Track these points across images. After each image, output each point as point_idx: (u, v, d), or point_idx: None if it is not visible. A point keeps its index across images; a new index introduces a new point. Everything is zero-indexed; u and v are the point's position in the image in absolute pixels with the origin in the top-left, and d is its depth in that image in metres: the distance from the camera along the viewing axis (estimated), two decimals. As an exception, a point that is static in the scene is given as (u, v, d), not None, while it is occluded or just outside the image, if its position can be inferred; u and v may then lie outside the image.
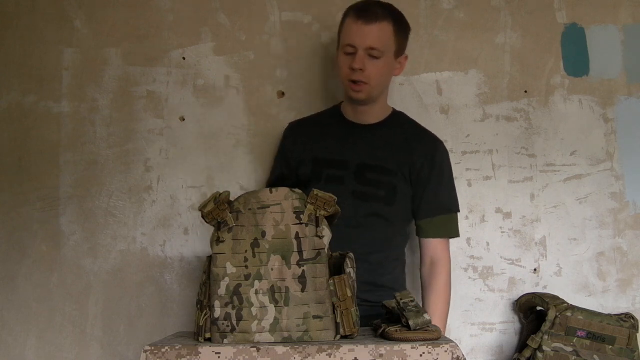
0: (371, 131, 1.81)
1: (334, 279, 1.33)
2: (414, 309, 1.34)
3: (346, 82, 1.71)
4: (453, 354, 1.23)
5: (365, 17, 1.66)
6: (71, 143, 2.04)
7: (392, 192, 1.76)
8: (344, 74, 1.71)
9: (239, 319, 1.31)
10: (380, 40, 1.67)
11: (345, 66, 1.70)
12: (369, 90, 1.71)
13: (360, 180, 1.76)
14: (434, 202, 1.79)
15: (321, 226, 1.35)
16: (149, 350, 1.27)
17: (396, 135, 1.81)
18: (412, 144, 1.80)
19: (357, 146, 1.79)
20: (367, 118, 1.81)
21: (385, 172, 1.77)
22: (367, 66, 1.67)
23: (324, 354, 1.24)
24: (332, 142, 1.81)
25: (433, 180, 1.78)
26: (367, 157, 1.78)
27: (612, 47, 2.09)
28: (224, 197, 1.36)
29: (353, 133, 1.81)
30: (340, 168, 1.77)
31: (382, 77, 1.73)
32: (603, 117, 2.06)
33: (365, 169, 1.77)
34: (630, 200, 2.03)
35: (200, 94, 2.07)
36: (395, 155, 1.78)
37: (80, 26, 2.09)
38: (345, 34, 1.69)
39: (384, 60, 1.70)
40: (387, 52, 1.70)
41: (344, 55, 1.70)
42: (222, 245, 1.34)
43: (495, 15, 2.10)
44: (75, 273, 2.00)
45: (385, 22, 1.68)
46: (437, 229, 1.80)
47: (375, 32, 1.66)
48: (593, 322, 1.76)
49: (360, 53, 1.67)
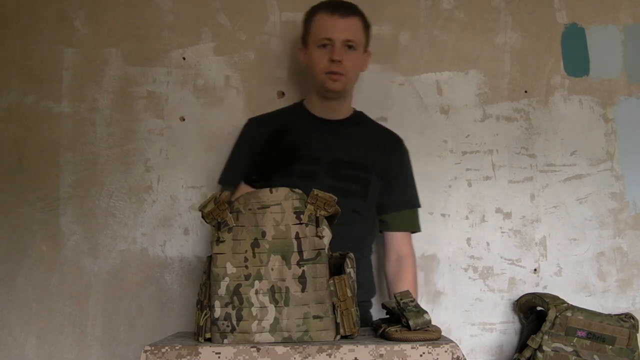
0: (339, 127, 1.83)
1: (334, 279, 1.33)
2: (414, 309, 1.34)
3: (322, 75, 1.74)
4: (453, 354, 1.23)
5: (340, 12, 1.73)
6: (71, 143, 2.04)
7: (366, 186, 1.79)
8: (320, 67, 1.74)
9: (239, 319, 1.31)
10: (355, 33, 1.74)
11: (322, 59, 1.73)
12: (345, 82, 1.75)
13: (336, 175, 1.77)
14: (401, 197, 1.85)
15: (321, 226, 1.35)
16: (149, 350, 1.27)
17: (363, 132, 1.86)
18: (380, 142, 1.86)
19: (327, 142, 1.80)
20: (334, 114, 1.84)
21: (359, 167, 1.79)
22: (345, 57, 1.72)
23: (324, 354, 1.24)
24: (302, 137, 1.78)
25: (400, 177, 1.85)
26: (338, 152, 1.79)
27: (612, 47, 2.09)
28: (224, 197, 1.36)
29: (321, 128, 1.82)
30: (312, 163, 1.77)
31: (356, 70, 1.79)
32: (603, 117, 2.06)
33: (340, 165, 1.78)
34: (630, 200, 2.03)
35: (200, 94, 2.07)
36: (366, 152, 1.81)
37: (80, 26, 2.09)
38: (319, 28, 1.74)
39: (358, 53, 1.76)
40: (360, 45, 1.77)
41: (317, 49, 1.74)
42: (222, 245, 1.34)
43: (495, 15, 2.10)
44: (75, 273, 2.00)
45: (356, 17, 1.76)
46: (402, 222, 1.85)
47: (351, 25, 1.73)
48: (593, 322, 1.76)
49: (338, 45, 1.71)
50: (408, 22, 2.10)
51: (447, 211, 2.03)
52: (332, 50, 1.71)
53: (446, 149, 2.05)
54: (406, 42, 2.09)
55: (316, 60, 1.75)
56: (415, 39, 2.10)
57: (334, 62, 1.71)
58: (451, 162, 2.05)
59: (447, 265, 2.01)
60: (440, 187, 2.04)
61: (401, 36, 2.09)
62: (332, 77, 1.73)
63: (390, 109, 2.06)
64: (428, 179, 2.03)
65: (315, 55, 1.75)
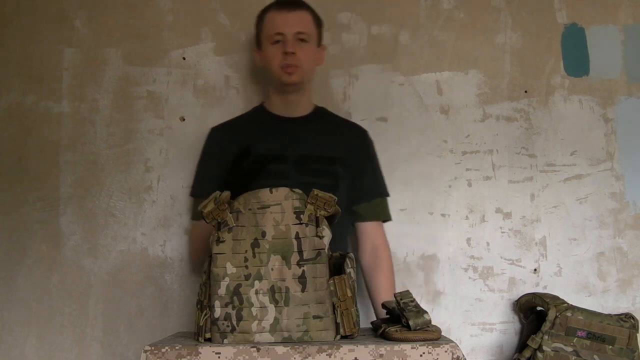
0: (302, 123, 1.84)
1: (334, 279, 1.33)
2: (414, 309, 1.34)
3: (278, 70, 1.76)
4: (453, 354, 1.23)
5: (288, 7, 1.77)
6: (71, 143, 2.04)
7: (334, 179, 1.79)
8: (276, 62, 1.76)
9: (239, 319, 1.31)
10: (306, 25, 1.78)
11: (276, 54, 1.76)
12: (301, 73, 1.77)
13: (303, 171, 1.77)
14: (371, 187, 1.86)
15: (321, 226, 1.35)
16: (149, 350, 1.27)
17: (326, 126, 1.87)
18: (344, 135, 1.87)
19: (292, 139, 1.81)
20: (295, 110, 1.85)
21: (326, 161, 1.80)
22: (298, 50, 1.74)
23: (324, 354, 1.24)
24: (267, 138, 1.81)
25: (368, 168, 1.87)
26: (304, 148, 1.80)
27: (612, 47, 2.09)
28: (224, 197, 1.36)
29: (284, 127, 1.83)
30: (280, 162, 1.77)
31: (311, 62, 1.80)
32: (603, 117, 2.07)
33: (307, 160, 1.79)
34: (630, 200, 2.03)
35: (200, 94, 2.07)
36: (332, 145, 1.82)
37: (80, 26, 2.09)
38: (270, 25, 1.77)
39: (310, 45, 1.79)
40: (312, 38, 1.79)
41: (271, 46, 1.77)
42: (222, 245, 1.34)
43: (495, 15, 2.10)
44: (75, 273, 2.00)
45: (305, 10, 1.79)
46: (374, 212, 1.86)
47: (300, 17, 1.77)
48: (593, 322, 1.76)
49: (290, 38, 1.74)
50: (408, 22, 2.10)
51: (447, 211, 2.03)
52: (285, 44, 1.74)
53: (446, 149, 2.05)
54: (406, 42, 2.09)
55: (270, 56, 1.77)
56: (415, 39, 2.10)
57: (287, 54, 1.73)
58: (451, 162, 2.05)
59: (447, 265, 2.01)
60: (440, 187, 2.04)
61: (401, 36, 2.09)
62: (287, 70, 1.75)
63: (390, 109, 2.06)
64: (428, 179, 2.03)
65: (269, 52, 1.77)
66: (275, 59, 1.76)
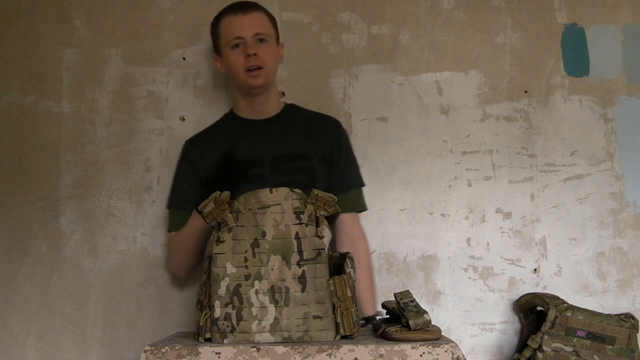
0: (272, 123, 1.84)
1: (334, 279, 1.33)
2: (414, 309, 1.34)
3: (242, 74, 1.76)
4: (453, 354, 1.23)
5: (243, 10, 1.77)
6: (71, 143, 2.04)
7: (312, 175, 1.78)
8: (239, 66, 1.76)
9: (239, 319, 1.31)
10: (263, 26, 1.78)
11: (238, 59, 1.75)
12: (265, 74, 1.77)
13: (278, 171, 1.76)
14: (346, 178, 1.85)
15: (321, 226, 1.35)
16: (149, 350, 1.27)
17: (297, 122, 1.86)
18: (316, 129, 1.85)
19: (265, 140, 1.80)
20: (263, 111, 1.85)
21: (301, 158, 1.79)
22: (259, 50, 1.75)
23: (324, 354, 1.24)
24: (240, 144, 1.79)
25: (342, 159, 1.85)
26: (277, 148, 1.79)
27: (612, 47, 2.09)
28: (224, 197, 1.36)
29: (257, 130, 1.83)
30: (255, 166, 1.77)
31: (273, 61, 1.81)
32: (603, 117, 2.06)
33: (280, 160, 1.78)
34: (630, 200, 2.03)
35: (200, 94, 2.07)
36: (304, 140, 1.82)
37: (80, 26, 2.09)
38: (228, 30, 1.77)
39: (270, 45, 1.79)
40: (270, 37, 1.80)
41: (232, 51, 1.77)
42: (222, 245, 1.34)
43: (495, 15, 2.10)
44: (75, 273, 2.00)
45: (258, 11, 1.80)
46: (351, 203, 1.84)
47: (256, 18, 1.78)
48: (593, 322, 1.76)
49: (250, 40, 1.74)
50: (408, 22, 2.10)
51: (447, 211, 2.03)
52: (246, 47, 1.74)
53: (446, 149, 2.05)
54: (406, 42, 2.09)
55: (233, 61, 1.77)
56: (415, 39, 2.10)
57: (249, 56, 1.73)
58: (451, 162, 2.05)
59: (447, 265, 2.01)
60: (440, 187, 2.04)
61: (401, 36, 2.09)
62: (251, 74, 1.75)
63: (390, 109, 2.06)
64: (428, 179, 2.03)
65: (231, 57, 1.77)
66: (238, 63, 1.75)
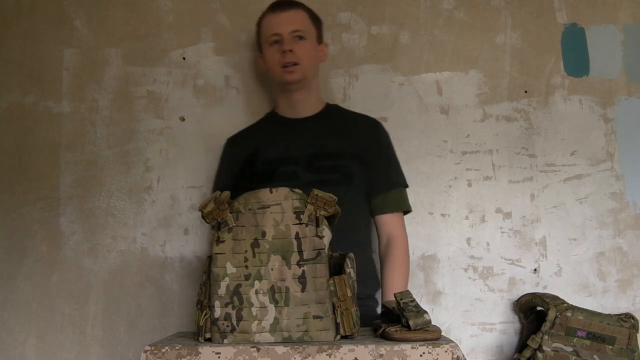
0: (311, 122, 1.85)
1: (334, 279, 1.33)
2: (414, 309, 1.34)
3: (279, 70, 1.78)
4: (453, 354, 1.23)
5: (281, 7, 1.81)
6: (71, 143, 2.05)
7: (348, 173, 1.78)
8: (275, 62, 1.78)
9: (239, 319, 1.31)
10: (301, 23, 1.80)
11: (274, 55, 1.78)
12: (302, 70, 1.78)
13: (312, 169, 1.77)
14: (386, 178, 1.84)
15: (321, 226, 1.35)
16: (149, 350, 1.27)
17: (336, 122, 1.87)
18: (354, 129, 1.86)
19: (302, 139, 1.82)
20: (304, 110, 1.85)
21: (337, 156, 1.80)
22: (295, 47, 1.76)
23: (324, 354, 1.24)
24: (277, 142, 1.82)
25: (382, 159, 1.85)
26: (313, 147, 1.80)
27: (612, 47, 2.09)
28: (224, 197, 1.36)
29: (295, 129, 1.84)
30: (290, 164, 1.78)
31: (311, 59, 1.82)
32: (603, 117, 2.06)
33: (316, 158, 1.79)
34: (630, 200, 2.03)
35: (200, 94, 2.07)
36: (343, 140, 1.82)
37: (80, 26, 2.09)
38: (267, 27, 1.80)
39: (309, 42, 1.81)
40: (309, 35, 1.82)
41: (270, 48, 1.80)
42: (222, 245, 1.34)
43: (495, 15, 2.10)
44: (75, 273, 2.00)
45: (299, 9, 1.82)
46: (391, 203, 1.84)
47: (294, 16, 1.80)
48: (593, 322, 1.76)
49: (287, 37, 1.77)
50: (408, 22, 2.10)
51: (447, 211, 2.03)
52: (282, 43, 1.76)
53: (446, 149, 2.05)
54: (406, 42, 2.09)
55: (270, 57, 1.79)
56: (415, 39, 2.10)
57: (285, 52, 1.75)
58: (451, 162, 2.05)
59: (447, 265, 2.01)
60: (440, 187, 2.04)
61: (401, 36, 2.09)
62: (287, 69, 1.76)
63: (390, 109, 2.06)
64: (428, 179, 2.03)
65: (269, 54, 1.80)
66: (274, 59, 1.78)
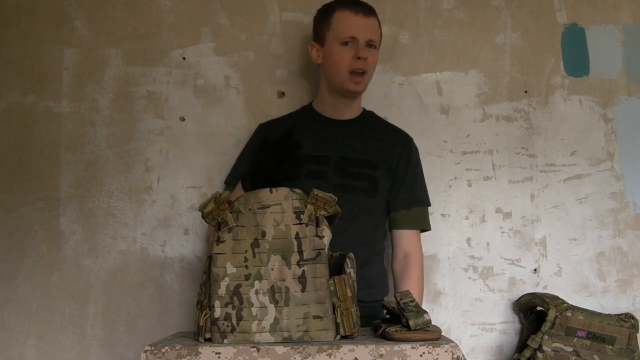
0: (348, 126, 1.84)
1: (334, 279, 1.33)
2: (414, 309, 1.34)
3: (344, 73, 1.75)
4: (453, 354, 1.23)
5: (364, 12, 1.76)
6: (71, 143, 2.04)
7: (374, 184, 1.78)
8: (343, 64, 1.74)
9: (239, 319, 1.31)
10: (376, 33, 1.79)
11: (344, 57, 1.74)
12: (367, 81, 1.78)
13: (341, 173, 1.77)
14: (410, 194, 1.83)
15: (321, 226, 1.35)
16: (149, 350, 1.27)
17: (371, 130, 1.86)
18: (389, 140, 1.86)
19: (336, 140, 1.81)
20: (345, 113, 1.85)
21: (367, 165, 1.79)
22: (369, 56, 1.75)
23: (324, 354, 1.24)
24: (310, 139, 1.81)
25: (409, 175, 1.84)
26: (346, 150, 1.80)
27: (612, 47, 2.09)
28: (224, 197, 1.36)
29: (330, 128, 1.83)
30: (321, 163, 1.78)
31: (375, 69, 1.82)
32: (603, 117, 2.06)
33: (346, 162, 1.79)
34: (630, 200, 2.03)
35: (200, 94, 2.07)
36: (374, 149, 1.82)
37: (80, 26, 2.09)
38: (344, 26, 1.75)
39: (377, 52, 1.81)
40: (378, 45, 1.82)
41: (340, 47, 1.75)
42: (222, 245, 1.34)
43: (495, 15, 2.10)
44: (75, 273, 2.00)
45: (375, 17, 1.80)
46: (411, 220, 1.83)
47: (373, 24, 1.78)
48: (593, 322, 1.76)
49: (362, 43, 1.74)
50: (408, 22, 2.10)
51: (447, 211, 2.03)
52: (357, 48, 1.73)
53: (446, 149, 2.05)
54: (406, 42, 2.09)
55: (338, 57, 1.75)
56: (415, 39, 2.10)
57: (360, 59, 1.72)
58: (451, 162, 2.05)
59: (447, 265, 2.01)
60: (440, 187, 2.04)
61: (401, 36, 2.09)
62: (355, 78, 1.74)
63: (390, 109, 2.06)
64: (428, 179, 2.02)
65: (337, 53, 1.75)
66: (344, 61, 1.74)
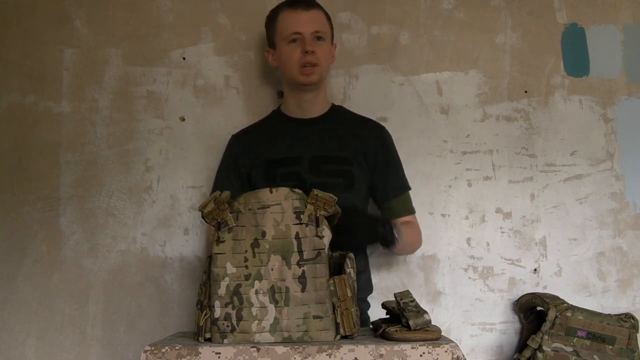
0: (317, 124, 1.84)
1: (334, 279, 1.33)
2: (414, 309, 1.34)
3: (295, 69, 1.76)
4: (453, 354, 1.23)
5: (303, 6, 1.77)
6: (71, 143, 2.04)
7: (350, 179, 1.78)
8: (293, 61, 1.76)
9: (239, 319, 1.31)
10: (321, 24, 1.79)
11: (293, 54, 1.76)
12: (319, 72, 1.77)
13: (317, 172, 1.77)
14: (398, 182, 1.85)
15: (321, 226, 1.35)
16: (149, 350, 1.27)
17: (341, 125, 1.86)
18: (360, 133, 1.85)
19: (307, 140, 1.81)
20: (311, 110, 1.85)
21: (340, 161, 1.79)
22: (316, 48, 1.75)
23: (324, 354, 1.24)
24: (281, 141, 1.82)
25: (391, 164, 1.85)
26: (318, 149, 1.80)
27: (612, 47, 2.09)
28: (224, 197, 1.36)
29: (300, 129, 1.83)
30: (294, 164, 1.77)
31: (327, 60, 1.81)
32: (603, 117, 2.06)
33: (320, 161, 1.78)
34: (630, 200, 2.03)
35: (200, 94, 2.07)
36: (346, 144, 1.81)
37: (80, 26, 2.09)
38: (286, 24, 1.77)
39: (326, 44, 1.80)
40: (327, 36, 1.81)
41: (288, 45, 1.77)
42: (222, 245, 1.34)
43: (495, 15, 2.10)
44: (75, 273, 2.00)
45: (319, 9, 1.80)
46: (406, 206, 1.85)
47: (316, 16, 1.78)
48: (593, 322, 1.76)
49: (308, 37, 1.75)
50: (408, 22, 2.10)
51: (447, 211, 2.03)
52: (303, 43, 1.74)
53: (446, 149, 2.05)
54: (406, 42, 2.09)
55: (287, 55, 1.77)
56: (415, 39, 2.09)
57: (307, 53, 1.73)
58: (451, 162, 2.05)
59: (447, 265, 2.01)
60: (440, 187, 2.04)
61: (401, 36, 2.09)
62: (305, 70, 1.75)
63: (390, 109, 2.06)
64: (428, 179, 2.03)
65: (286, 52, 1.77)
66: (293, 58, 1.76)
